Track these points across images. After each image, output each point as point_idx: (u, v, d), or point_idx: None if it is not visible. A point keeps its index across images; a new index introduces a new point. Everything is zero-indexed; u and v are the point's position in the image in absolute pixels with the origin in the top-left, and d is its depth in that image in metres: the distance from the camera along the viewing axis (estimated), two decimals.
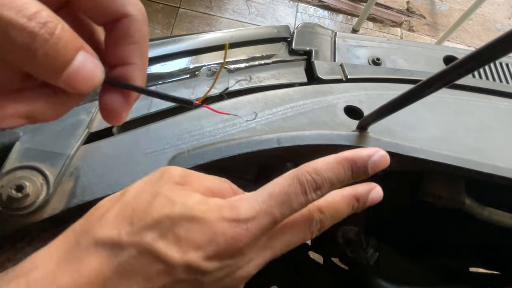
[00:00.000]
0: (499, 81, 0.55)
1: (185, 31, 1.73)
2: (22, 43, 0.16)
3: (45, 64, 0.17)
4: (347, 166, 0.25)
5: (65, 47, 0.18)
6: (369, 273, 0.55)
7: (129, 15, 0.21)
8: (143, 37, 0.22)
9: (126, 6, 0.21)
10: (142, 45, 0.22)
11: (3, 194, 0.30)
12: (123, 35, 0.21)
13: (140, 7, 0.22)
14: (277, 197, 0.24)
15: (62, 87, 0.19)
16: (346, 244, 0.55)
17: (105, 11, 0.21)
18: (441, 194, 0.45)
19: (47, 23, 0.17)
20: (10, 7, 0.16)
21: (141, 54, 0.22)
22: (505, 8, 2.26)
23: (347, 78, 0.47)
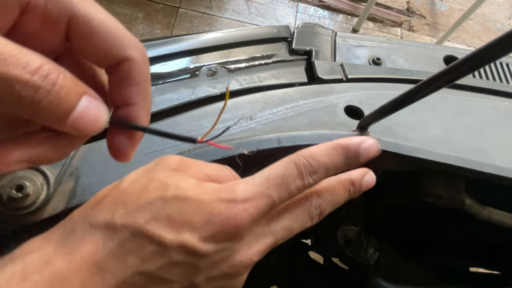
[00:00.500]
0: (499, 81, 0.55)
1: (185, 31, 1.73)
2: (26, 96, 0.17)
3: (49, 112, 0.18)
4: (341, 151, 0.26)
5: (68, 95, 0.18)
6: (369, 273, 0.55)
7: (129, 59, 0.22)
8: (145, 78, 0.22)
9: (126, 50, 0.21)
10: (144, 86, 0.23)
11: (3, 194, 0.30)
12: (124, 78, 0.22)
13: (141, 49, 0.22)
14: (274, 179, 0.24)
15: (69, 132, 0.20)
16: (346, 244, 0.55)
17: (106, 56, 0.21)
18: (441, 194, 0.45)
19: (48, 75, 0.18)
20: (16, 65, 0.17)
21: (143, 95, 0.23)
22: (505, 8, 2.26)
23: (347, 78, 0.47)
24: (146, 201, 0.22)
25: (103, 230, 0.21)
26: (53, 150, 0.21)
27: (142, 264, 0.21)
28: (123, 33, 0.21)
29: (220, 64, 0.47)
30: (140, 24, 1.69)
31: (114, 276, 0.21)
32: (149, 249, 0.21)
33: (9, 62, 0.17)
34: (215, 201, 0.23)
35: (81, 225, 0.22)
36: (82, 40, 0.21)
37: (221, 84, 0.44)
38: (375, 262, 0.55)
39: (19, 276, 0.19)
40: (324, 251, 0.70)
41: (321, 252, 0.72)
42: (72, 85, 0.19)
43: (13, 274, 0.19)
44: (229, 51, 0.49)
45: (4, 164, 0.19)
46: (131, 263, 0.21)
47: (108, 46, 0.21)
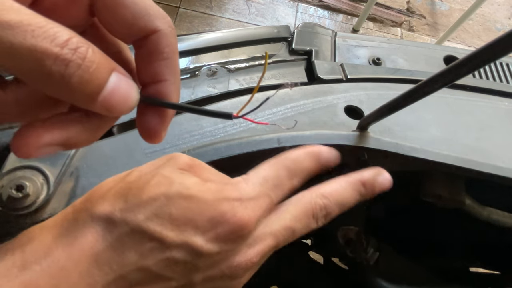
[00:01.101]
0: (499, 81, 0.55)
1: (185, 31, 1.73)
2: (57, 71, 0.16)
3: (79, 89, 0.17)
4: (315, 159, 0.28)
5: (98, 70, 0.17)
6: (369, 273, 0.55)
7: (157, 30, 0.20)
8: (174, 51, 0.21)
9: (154, 22, 0.20)
10: (173, 60, 0.21)
11: (3, 194, 0.30)
12: (153, 52, 0.21)
13: (168, 19, 0.21)
14: (272, 180, 0.24)
15: (99, 111, 0.19)
16: (346, 244, 0.55)
17: (133, 29, 0.20)
18: (441, 194, 0.45)
19: (78, 49, 0.16)
20: (44, 38, 0.15)
21: (173, 70, 0.21)
22: (505, 8, 2.26)
23: (347, 78, 0.47)
24: (148, 197, 0.22)
25: (104, 223, 0.21)
26: (83, 132, 0.20)
27: (141, 260, 0.21)
28: (150, 4, 0.20)
29: (220, 64, 0.47)
30: None
31: (112, 270, 0.20)
32: (149, 245, 0.21)
33: (37, 34, 0.15)
34: (220, 200, 0.22)
35: (83, 216, 0.22)
36: (108, 12, 0.19)
37: (221, 84, 0.44)
38: (375, 262, 0.55)
39: (19, 266, 0.19)
40: (324, 251, 0.70)
41: (321, 252, 0.72)
42: (102, 60, 0.18)
43: (13, 263, 0.19)
44: (229, 51, 0.49)
45: (34, 148, 0.18)
46: (130, 258, 0.21)
47: (135, 17, 0.19)
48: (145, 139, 0.23)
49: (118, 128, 0.39)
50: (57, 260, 0.20)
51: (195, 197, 0.22)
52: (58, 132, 0.19)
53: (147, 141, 0.23)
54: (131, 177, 0.24)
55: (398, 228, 0.66)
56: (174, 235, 0.21)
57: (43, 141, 0.19)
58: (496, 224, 0.48)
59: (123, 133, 0.37)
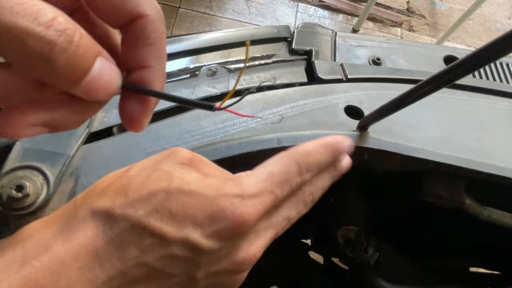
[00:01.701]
0: (499, 81, 0.55)
1: (185, 31, 1.73)
2: (40, 53, 0.15)
3: (64, 73, 0.16)
4: (331, 151, 0.27)
5: (84, 55, 0.17)
6: (369, 273, 0.55)
7: (144, 15, 0.20)
8: (160, 38, 0.21)
9: (141, 6, 0.20)
10: (159, 47, 0.21)
11: (3, 194, 0.30)
12: (139, 37, 0.20)
13: (156, 5, 0.20)
14: (278, 176, 0.24)
15: (79, 95, 0.18)
16: (346, 244, 0.55)
17: (120, 12, 0.19)
18: (441, 194, 0.45)
19: (65, 30, 0.16)
20: (24, 15, 0.14)
21: (159, 56, 0.21)
22: (505, 8, 2.26)
23: (347, 78, 0.47)
24: (148, 192, 0.22)
25: (104, 218, 0.21)
26: (69, 115, 0.20)
27: (141, 256, 0.21)
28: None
29: (220, 64, 0.47)
30: None
31: (113, 266, 0.20)
32: (149, 241, 0.21)
33: (16, 10, 0.14)
34: (220, 196, 0.22)
35: (83, 211, 0.21)
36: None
37: (221, 84, 0.44)
38: (375, 262, 0.55)
39: (19, 261, 0.19)
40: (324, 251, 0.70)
41: (321, 252, 0.72)
42: (89, 45, 0.17)
43: (13, 258, 0.19)
44: (229, 51, 0.49)
45: (20, 127, 0.18)
46: (131, 254, 0.21)
47: (123, 0, 0.19)
48: (127, 127, 0.22)
49: (118, 128, 0.39)
50: (57, 255, 0.20)
51: (195, 192, 0.22)
52: (44, 113, 0.19)
53: (129, 129, 0.22)
54: (131, 172, 0.23)
55: (398, 228, 0.66)
56: (174, 230, 0.21)
57: (29, 121, 0.18)
58: (496, 224, 0.48)
59: (123, 133, 0.37)
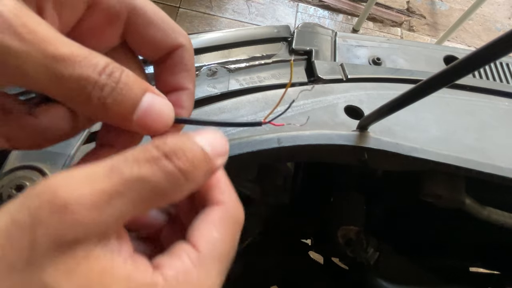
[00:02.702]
0: (499, 81, 0.55)
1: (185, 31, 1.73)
2: (95, 95, 0.18)
3: (115, 110, 0.19)
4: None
5: (130, 91, 0.19)
6: (369, 273, 0.55)
7: (182, 46, 0.23)
8: (193, 64, 0.24)
9: (179, 38, 0.23)
10: (193, 71, 0.24)
11: (3, 194, 0.30)
12: (177, 64, 0.23)
13: (187, 36, 0.24)
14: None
15: (137, 130, 0.20)
16: (346, 244, 0.55)
17: (161, 45, 0.22)
18: (441, 194, 0.45)
19: (112, 74, 0.18)
20: (88, 67, 0.17)
21: (192, 79, 0.24)
22: (505, 8, 2.26)
23: (348, 78, 0.47)
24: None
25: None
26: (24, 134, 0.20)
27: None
28: (172, 22, 0.23)
29: (220, 64, 0.47)
30: None
31: None
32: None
33: (83, 64, 0.17)
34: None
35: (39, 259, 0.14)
36: (138, 33, 0.22)
37: (221, 84, 0.44)
38: (375, 262, 0.55)
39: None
40: (324, 251, 0.70)
41: (321, 252, 0.72)
42: (134, 82, 0.19)
43: None
44: (229, 51, 0.49)
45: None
46: None
47: (163, 35, 0.22)
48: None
49: None
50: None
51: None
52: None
53: None
54: None
55: (398, 228, 0.66)
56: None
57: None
58: (496, 224, 0.48)
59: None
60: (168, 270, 0.17)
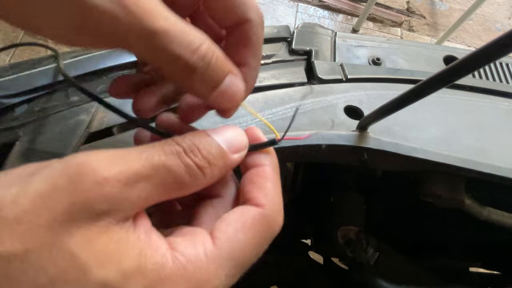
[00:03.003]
0: (499, 81, 0.55)
1: None
2: (185, 72, 0.19)
3: (199, 87, 0.21)
4: None
5: (217, 73, 0.21)
6: (369, 273, 0.55)
7: (249, 20, 0.23)
8: (260, 40, 0.24)
9: (247, 12, 0.23)
10: (258, 48, 0.24)
11: None
12: (242, 38, 0.23)
13: (259, 12, 0.23)
14: None
15: (212, 103, 0.22)
16: (346, 244, 0.55)
17: (230, 15, 0.23)
18: (441, 194, 0.45)
19: (206, 56, 0.20)
20: (180, 44, 0.19)
21: (256, 56, 0.24)
22: (505, 8, 2.26)
23: (347, 78, 0.47)
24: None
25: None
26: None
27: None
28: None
29: None
30: None
31: None
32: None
33: (178, 40, 0.18)
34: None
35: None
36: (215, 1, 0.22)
37: None
38: (375, 262, 0.55)
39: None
40: (324, 251, 0.70)
41: (321, 252, 0.72)
42: (222, 65, 0.21)
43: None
44: None
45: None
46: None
47: (233, 6, 0.22)
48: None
49: (118, 128, 0.39)
50: None
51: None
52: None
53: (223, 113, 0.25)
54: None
55: (398, 228, 0.66)
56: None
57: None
58: (496, 224, 0.48)
59: (123, 133, 0.37)
60: (179, 255, 0.17)
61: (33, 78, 0.39)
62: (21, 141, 0.34)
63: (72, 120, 0.37)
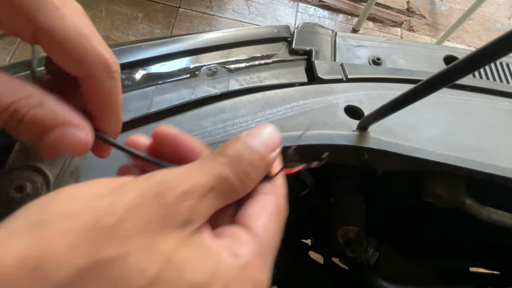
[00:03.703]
0: (499, 81, 0.55)
1: (185, 31, 1.73)
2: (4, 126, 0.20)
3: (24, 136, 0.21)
4: None
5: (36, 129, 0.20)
6: (369, 273, 0.55)
7: (90, 77, 0.22)
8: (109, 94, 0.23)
9: (88, 68, 0.21)
10: (110, 101, 0.23)
11: (3, 194, 0.30)
12: (92, 93, 0.22)
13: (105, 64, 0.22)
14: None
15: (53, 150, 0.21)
16: (346, 244, 0.55)
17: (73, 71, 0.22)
18: (441, 194, 0.45)
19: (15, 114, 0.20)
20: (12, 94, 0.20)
21: (110, 109, 0.23)
22: (505, 8, 2.26)
23: (348, 78, 0.47)
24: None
25: None
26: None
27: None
28: (88, 48, 0.21)
29: (220, 64, 0.47)
30: (140, 24, 1.69)
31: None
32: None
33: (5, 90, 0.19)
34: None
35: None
36: (49, 51, 0.21)
37: (221, 84, 0.44)
38: (375, 262, 0.55)
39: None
40: (324, 251, 0.70)
41: (321, 252, 0.72)
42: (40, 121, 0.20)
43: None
44: (229, 51, 0.49)
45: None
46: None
47: (70, 61, 0.21)
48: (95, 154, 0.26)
49: None
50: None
51: None
52: None
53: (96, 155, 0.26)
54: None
55: (398, 228, 0.66)
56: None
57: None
58: (496, 224, 0.48)
59: (123, 133, 0.37)
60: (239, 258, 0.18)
61: None
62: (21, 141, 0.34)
63: None
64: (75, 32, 0.21)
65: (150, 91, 0.42)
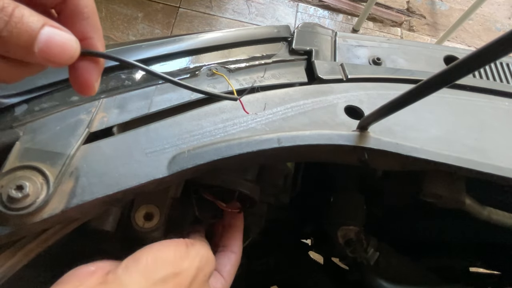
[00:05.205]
0: (499, 81, 0.55)
1: (185, 31, 1.73)
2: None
3: (13, 42, 0.19)
4: None
5: (27, 24, 0.19)
6: (369, 273, 0.55)
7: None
8: (92, 11, 0.23)
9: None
10: (94, 19, 0.23)
11: (3, 194, 0.30)
12: (74, 13, 0.23)
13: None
14: None
15: (42, 62, 0.21)
16: (346, 244, 0.55)
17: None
18: (441, 194, 0.45)
19: (4, 8, 0.19)
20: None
21: (95, 27, 0.23)
22: (505, 8, 2.26)
23: (348, 78, 0.47)
24: None
25: None
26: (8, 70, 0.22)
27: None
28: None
29: (220, 64, 0.47)
30: (140, 24, 1.69)
31: None
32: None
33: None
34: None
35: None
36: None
37: (221, 84, 0.44)
38: (375, 262, 0.55)
39: None
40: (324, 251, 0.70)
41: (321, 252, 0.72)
42: (30, 16, 0.20)
43: None
44: (229, 51, 0.49)
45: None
46: None
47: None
48: (79, 91, 0.25)
49: (118, 128, 0.39)
50: None
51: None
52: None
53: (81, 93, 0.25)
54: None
55: (398, 228, 0.66)
56: None
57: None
58: (496, 224, 0.48)
59: (123, 133, 0.37)
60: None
61: (33, 78, 0.39)
62: (21, 141, 0.34)
63: (72, 120, 0.37)
64: None
65: (150, 91, 0.42)
